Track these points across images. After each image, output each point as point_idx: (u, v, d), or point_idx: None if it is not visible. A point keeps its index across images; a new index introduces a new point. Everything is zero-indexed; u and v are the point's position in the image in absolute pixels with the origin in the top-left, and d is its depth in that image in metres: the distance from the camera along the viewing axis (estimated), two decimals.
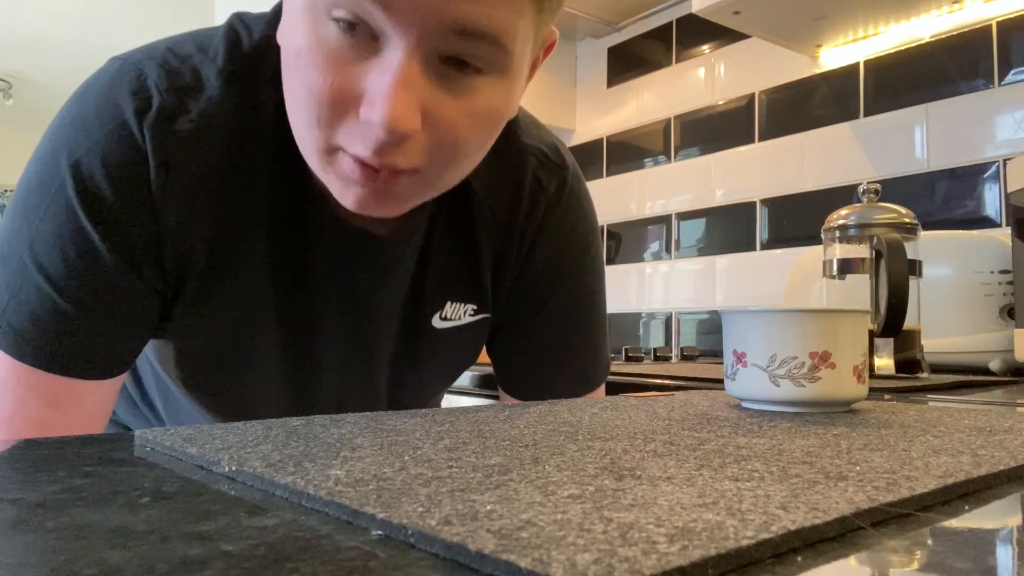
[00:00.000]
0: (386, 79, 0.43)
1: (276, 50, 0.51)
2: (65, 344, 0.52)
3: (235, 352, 0.59)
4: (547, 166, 0.66)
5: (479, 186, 0.62)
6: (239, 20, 0.56)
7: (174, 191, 0.51)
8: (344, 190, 0.48)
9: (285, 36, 0.48)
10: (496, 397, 0.85)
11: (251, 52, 0.54)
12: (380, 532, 0.22)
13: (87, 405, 0.54)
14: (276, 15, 0.54)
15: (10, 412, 0.52)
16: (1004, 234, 1.18)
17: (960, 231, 1.24)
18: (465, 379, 1.27)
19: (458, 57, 0.45)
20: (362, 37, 0.43)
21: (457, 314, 0.65)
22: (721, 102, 1.80)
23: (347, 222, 0.57)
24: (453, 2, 0.42)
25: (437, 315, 0.64)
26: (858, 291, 0.97)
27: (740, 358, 0.52)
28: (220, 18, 2.29)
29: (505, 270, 0.66)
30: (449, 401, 1.26)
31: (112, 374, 0.55)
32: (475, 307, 0.66)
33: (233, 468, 0.29)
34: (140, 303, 0.53)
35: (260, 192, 0.54)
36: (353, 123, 0.45)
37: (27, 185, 0.52)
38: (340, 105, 0.45)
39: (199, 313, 0.56)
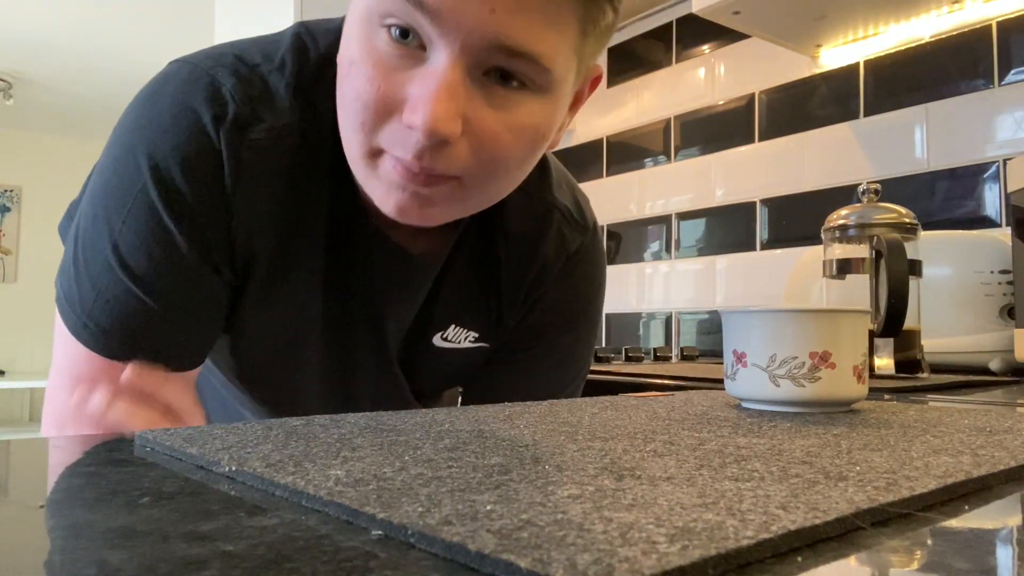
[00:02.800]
0: (429, 84, 0.45)
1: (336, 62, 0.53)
2: (150, 340, 0.54)
3: (287, 350, 0.61)
4: (572, 224, 0.68)
5: (506, 225, 0.64)
6: (306, 31, 0.58)
7: (245, 195, 0.53)
8: (386, 195, 0.50)
9: (342, 50, 0.50)
10: None
11: (316, 65, 0.56)
12: (380, 532, 0.22)
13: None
14: (342, 25, 0.56)
15: (100, 408, 0.54)
16: (1004, 234, 1.18)
17: (960, 231, 1.24)
18: None
19: (501, 70, 0.47)
20: (412, 47, 0.46)
21: (458, 338, 0.67)
22: (721, 102, 1.80)
23: (388, 237, 0.59)
24: (497, 19, 0.44)
25: (439, 335, 0.67)
26: (858, 291, 0.97)
27: (740, 358, 0.52)
28: (220, 19, 2.28)
29: (512, 310, 0.68)
30: None
31: (192, 366, 0.57)
32: (476, 335, 0.68)
33: (233, 468, 0.29)
34: (217, 299, 0.56)
35: (318, 201, 0.57)
36: (396, 127, 0.47)
37: (104, 187, 0.53)
38: (385, 110, 0.47)
39: (261, 312, 0.58)
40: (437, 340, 0.67)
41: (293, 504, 0.25)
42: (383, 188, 0.50)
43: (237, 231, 0.54)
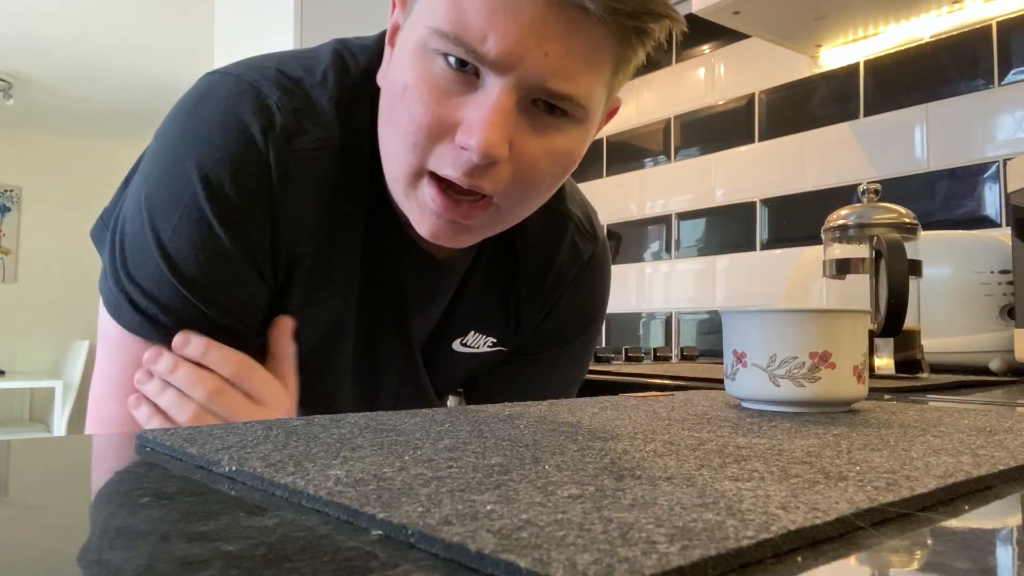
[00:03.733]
0: (484, 110, 0.49)
1: (375, 79, 0.57)
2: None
3: (324, 354, 0.63)
4: (584, 234, 0.73)
5: (525, 236, 0.67)
6: (344, 47, 0.60)
7: (291, 203, 0.55)
8: (422, 218, 0.54)
9: (392, 73, 0.53)
10: None
11: (356, 81, 0.58)
12: (380, 532, 0.22)
13: None
14: (378, 44, 0.59)
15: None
16: (1004, 234, 1.18)
17: (960, 231, 1.24)
18: None
19: (548, 102, 0.51)
20: (467, 73, 0.49)
21: (477, 343, 0.70)
22: (721, 102, 1.80)
23: (419, 246, 0.62)
24: (549, 62, 0.48)
25: (459, 340, 0.69)
26: (858, 291, 0.97)
27: (740, 358, 0.52)
28: (220, 18, 2.28)
29: (531, 316, 0.71)
30: None
31: None
32: (495, 340, 0.70)
33: (233, 468, 0.29)
34: (260, 304, 0.57)
35: (357, 212, 0.59)
36: (446, 148, 0.50)
37: (150, 196, 0.54)
38: (438, 131, 0.50)
39: (299, 316, 0.60)
40: (457, 345, 0.69)
41: (293, 504, 0.25)
42: (420, 212, 0.54)
43: (281, 238, 0.56)
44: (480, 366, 0.73)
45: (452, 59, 0.49)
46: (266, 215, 0.55)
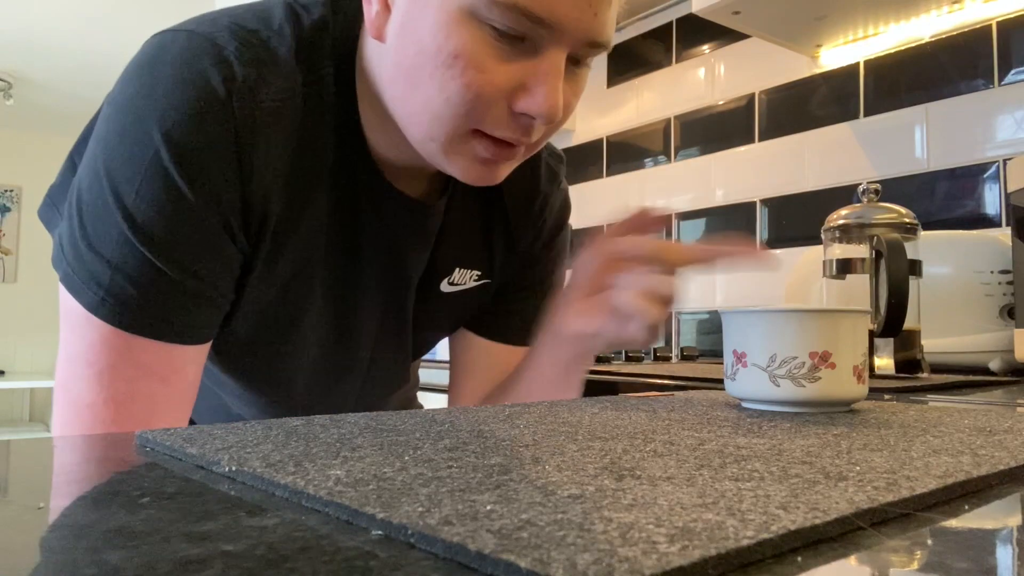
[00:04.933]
0: (548, 77, 0.51)
1: (335, 28, 0.57)
2: (172, 310, 0.53)
3: (285, 315, 0.61)
4: (555, 155, 0.77)
5: None
6: (295, 1, 0.59)
7: (258, 157, 0.54)
8: (469, 168, 0.55)
9: (420, 36, 0.51)
10: None
11: (311, 30, 0.57)
12: (380, 532, 0.22)
13: (189, 375, 0.56)
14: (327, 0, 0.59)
15: (124, 394, 0.53)
16: (1004, 234, 1.18)
17: (960, 231, 1.24)
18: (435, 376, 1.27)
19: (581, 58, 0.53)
20: (516, 38, 0.50)
21: (463, 279, 0.71)
22: (721, 102, 1.80)
23: (397, 191, 0.62)
24: (598, 20, 0.51)
25: (446, 280, 0.69)
26: (858, 291, 0.97)
27: (740, 358, 0.52)
28: None
29: (515, 240, 0.73)
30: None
31: (209, 338, 0.57)
32: (479, 273, 0.71)
33: (233, 468, 0.29)
34: (231, 266, 0.56)
35: (323, 162, 0.58)
36: (502, 113, 0.52)
37: (110, 160, 0.52)
38: (494, 98, 0.51)
39: (265, 276, 0.58)
40: (445, 286, 0.70)
41: (293, 504, 0.25)
42: (467, 163, 0.55)
43: (252, 194, 0.54)
44: (465, 308, 0.74)
45: (504, 26, 0.49)
46: (234, 170, 0.53)
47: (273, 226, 0.56)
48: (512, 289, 0.76)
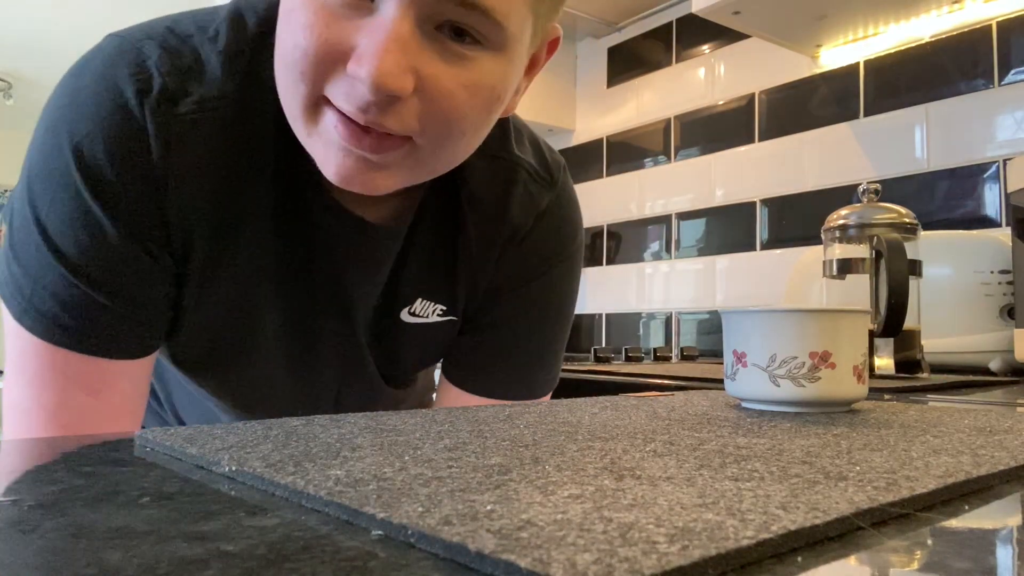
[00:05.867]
0: (377, 35, 0.43)
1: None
2: (93, 324, 0.51)
3: (237, 335, 0.59)
4: (539, 181, 0.66)
5: (469, 189, 0.61)
6: (244, 1, 0.55)
7: (177, 173, 0.51)
8: (327, 155, 0.47)
9: (282, 4, 0.48)
10: None
11: (255, 33, 0.53)
12: (380, 532, 0.22)
13: (124, 389, 0.55)
14: None
15: (54, 404, 0.52)
16: (1004, 234, 1.18)
17: (960, 231, 1.24)
18: None
19: (454, 25, 0.44)
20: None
21: (426, 311, 0.65)
22: (721, 102, 1.80)
23: (344, 208, 0.56)
24: None
25: (406, 309, 0.64)
26: (858, 291, 0.97)
27: (740, 358, 0.52)
28: None
29: (484, 275, 0.65)
30: None
31: (142, 354, 0.55)
32: (444, 308, 0.65)
33: (233, 468, 0.29)
34: (155, 283, 0.53)
35: (263, 175, 0.54)
36: (341, 78, 0.44)
37: (31, 170, 0.51)
38: (329, 58, 0.44)
39: (205, 294, 0.56)
40: (405, 315, 0.64)
41: (293, 504, 0.25)
42: (323, 148, 0.47)
43: (170, 210, 0.51)
44: (433, 342, 0.68)
45: None
46: (148, 188, 0.50)
47: (203, 241, 0.54)
48: (471, 330, 0.68)
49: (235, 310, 0.57)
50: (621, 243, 2.03)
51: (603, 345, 2.04)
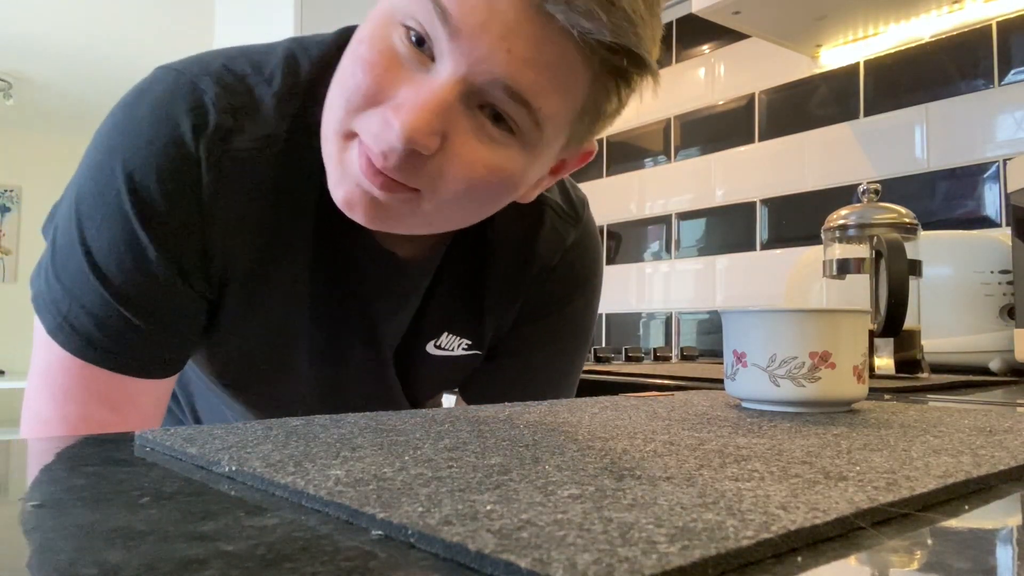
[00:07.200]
0: (423, 92, 0.45)
1: (332, 71, 0.52)
2: (125, 345, 0.54)
3: (273, 360, 0.61)
4: (565, 217, 0.68)
5: (497, 228, 0.63)
6: (299, 44, 0.57)
7: (225, 207, 0.53)
8: (341, 181, 0.49)
9: (356, 34, 0.50)
10: None
11: (308, 79, 0.55)
12: (380, 532, 0.22)
13: (144, 406, 0.57)
14: (338, 38, 0.56)
15: (76, 417, 0.54)
16: (1004, 234, 1.18)
17: (960, 231, 1.24)
18: None
19: (496, 109, 0.47)
20: (423, 52, 0.46)
21: (451, 345, 0.67)
22: (721, 102, 1.80)
23: (379, 245, 0.59)
24: (509, 60, 0.44)
25: (432, 343, 0.66)
26: (858, 291, 0.97)
27: (740, 358, 0.52)
28: (220, 20, 2.28)
29: (508, 312, 0.67)
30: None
31: (168, 374, 0.57)
32: (469, 343, 0.67)
33: (233, 468, 0.29)
34: (190, 309, 0.55)
35: (307, 211, 0.56)
36: (377, 117, 0.46)
37: (80, 191, 0.53)
38: (374, 97, 0.46)
39: (242, 321, 0.58)
40: (431, 348, 0.66)
41: (293, 504, 0.25)
42: (340, 174, 0.49)
43: (213, 243, 0.53)
44: (456, 372, 0.70)
45: (413, 34, 0.46)
46: (195, 220, 0.52)
47: (241, 274, 0.55)
48: (490, 357, 0.70)
49: (271, 336, 0.59)
50: (621, 243, 2.03)
51: (603, 345, 2.04)
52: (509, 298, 0.66)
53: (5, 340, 5.08)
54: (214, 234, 0.53)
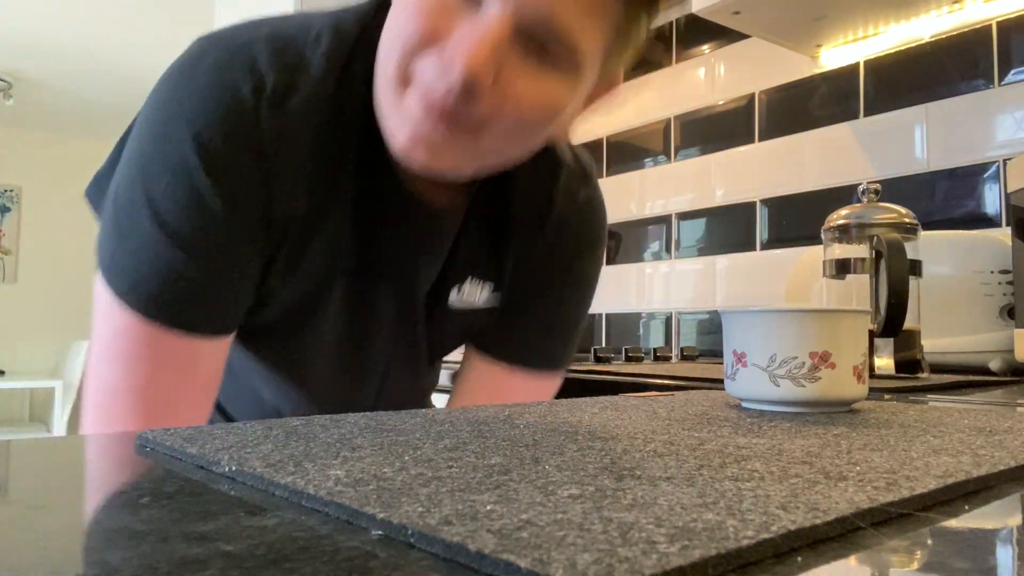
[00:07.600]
0: (477, 29, 0.48)
1: (374, 31, 0.56)
2: (192, 300, 0.55)
3: (307, 309, 0.63)
4: (577, 178, 0.74)
5: (518, 179, 0.67)
6: (341, 10, 0.60)
7: (284, 163, 0.55)
8: (401, 127, 0.52)
9: None
10: None
11: (351, 37, 0.58)
12: (380, 532, 0.22)
13: (207, 367, 0.59)
14: (376, 1, 0.60)
15: (144, 381, 0.56)
16: (1004, 234, 1.18)
17: (960, 231, 1.24)
18: (444, 377, 1.27)
19: (541, 44, 0.50)
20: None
21: (473, 293, 0.70)
22: (721, 102, 1.80)
23: (415, 196, 0.62)
24: (553, 11, 0.48)
25: (455, 289, 0.69)
26: (858, 291, 0.97)
27: (740, 358, 0.52)
28: (220, 20, 2.28)
29: (525, 256, 0.71)
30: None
31: (227, 331, 0.59)
32: (492, 286, 0.71)
33: (233, 468, 0.29)
34: (252, 263, 0.58)
35: (349, 165, 0.59)
36: (434, 59, 0.50)
37: (142, 158, 0.55)
38: (429, 39, 0.50)
39: (290, 274, 0.60)
40: (453, 298, 0.69)
41: (293, 504, 0.25)
42: (400, 120, 0.52)
43: (275, 198, 0.56)
44: (475, 324, 0.73)
45: None
46: (258, 177, 0.55)
47: (296, 229, 0.58)
48: (514, 306, 0.73)
49: (311, 287, 0.62)
50: (621, 243, 2.03)
51: (603, 345, 2.04)
52: (528, 242, 0.70)
53: (5, 340, 5.08)
54: (275, 190, 0.56)
